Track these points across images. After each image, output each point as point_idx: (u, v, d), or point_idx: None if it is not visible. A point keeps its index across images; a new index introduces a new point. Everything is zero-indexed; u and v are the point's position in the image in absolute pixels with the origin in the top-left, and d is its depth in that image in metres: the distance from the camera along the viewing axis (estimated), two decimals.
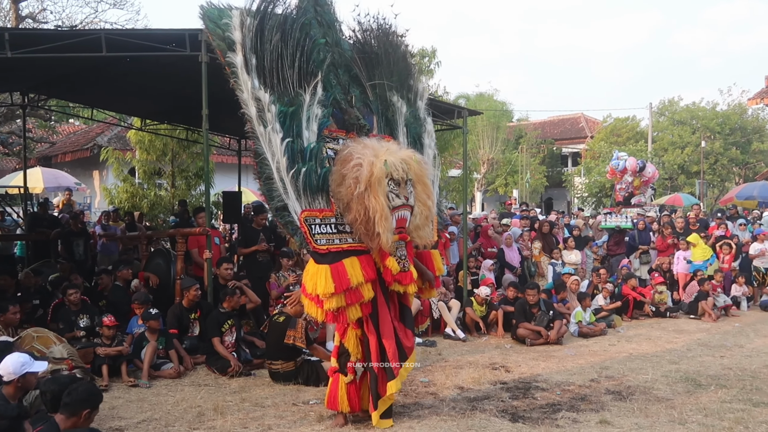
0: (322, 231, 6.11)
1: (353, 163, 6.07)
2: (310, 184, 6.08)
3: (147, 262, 10.91)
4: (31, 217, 14.22)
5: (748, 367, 9.00)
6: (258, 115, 6.03)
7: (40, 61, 9.23)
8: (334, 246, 6.11)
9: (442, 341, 10.67)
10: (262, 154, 6.04)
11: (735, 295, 14.65)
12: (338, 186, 6.14)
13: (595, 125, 44.61)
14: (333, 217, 6.21)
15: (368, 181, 5.94)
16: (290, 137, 6.07)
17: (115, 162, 18.21)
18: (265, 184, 6.07)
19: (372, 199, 5.92)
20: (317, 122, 6.29)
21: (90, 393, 4.45)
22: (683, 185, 34.49)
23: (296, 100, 6.21)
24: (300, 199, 6.06)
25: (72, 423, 4.26)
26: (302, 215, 6.03)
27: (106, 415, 6.63)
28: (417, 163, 6.37)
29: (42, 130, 27.09)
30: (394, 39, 7.37)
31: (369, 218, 5.96)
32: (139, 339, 8.41)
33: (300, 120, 6.19)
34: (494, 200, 40.88)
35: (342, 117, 6.72)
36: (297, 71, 6.28)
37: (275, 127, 6.03)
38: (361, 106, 7.02)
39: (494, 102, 38.79)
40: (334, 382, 6.40)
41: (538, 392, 7.64)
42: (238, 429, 6.27)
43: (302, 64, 6.32)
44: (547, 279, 13.52)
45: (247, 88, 6.03)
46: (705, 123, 36.24)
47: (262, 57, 6.11)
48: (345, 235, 6.23)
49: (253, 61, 6.07)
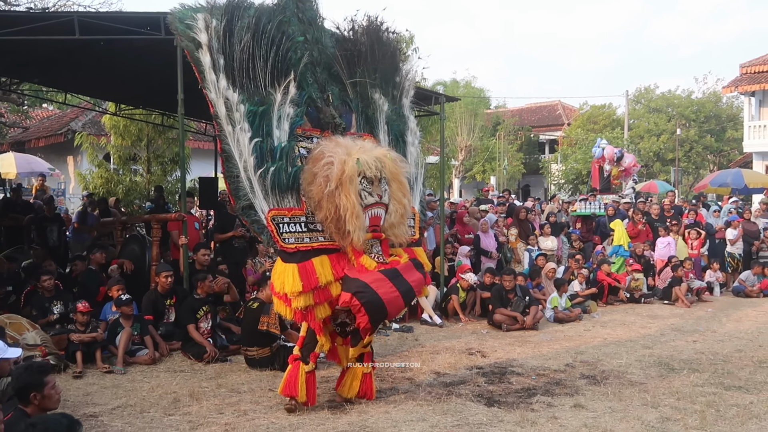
0: (291, 230, 6.09)
1: (324, 161, 6.09)
2: (279, 183, 6.08)
3: (122, 248, 10.82)
4: (4, 203, 14.01)
5: (720, 351, 9.13)
6: (226, 115, 6.03)
7: (11, 44, 9.08)
8: (304, 245, 6.10)
9: (419, 327, 10.71)
10: (230, 153, 6.04)
11: (709, 281, 14.84)
12: (309, 184, 6.15)
13: (572, 113, 44.84)
14: (303, 215, 6.20)
15: (339, 179, 5.96)
16: (259, 137, 6.08)
17: (90, 147, 17.99)
18: (231, 183, 6.07)
19: (343, 197, 5.94)
20: (289, 121, 6.31)
21: (30, 375, 4.35)
22: (658, 172, 34.85)
23: (267, 99, 6.23)
24: (268, 198, 6.06)
25: (31, 410, 4.20)
26: (269, 214, 6.02)
27: (81, 402, 6.59)
28: (391, 161, 6.38)
29: (15, 115, 26.71)
30: (383, 35, 7.37)
31: (339, 216, 5.98)
32: (113, 325, 8.35)
33: (270, 119, 6.21)
34: (472, 187, 40.98)
35: (317, 116, 6.72)
36: (270, 70, 6.29)
37: (243, 126, 6.04)
38: (340, 104, 7.01)
39: (472, 89, 38.84)
40: (293, 369, 6.34)
41: (513, 377, 7.69)
42: (213, 415, 6.25)
43: (276, 63, 6.33)
44: (524, 265, 13.59)
45: (216, 87, 6.03)
46: (680, 111, 36.60)
47: (230, 57, 6.13)
48: (316, 233, 6.22)
49: (221, 61, 6.08)
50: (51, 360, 7.16)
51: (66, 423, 3.42)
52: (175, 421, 6.08)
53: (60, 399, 4.60)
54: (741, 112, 38.34)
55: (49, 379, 4.38)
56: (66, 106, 22.28)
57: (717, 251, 15.82)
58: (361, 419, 6.12)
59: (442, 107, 12.55)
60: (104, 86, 13.94)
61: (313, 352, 6.40)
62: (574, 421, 6.09)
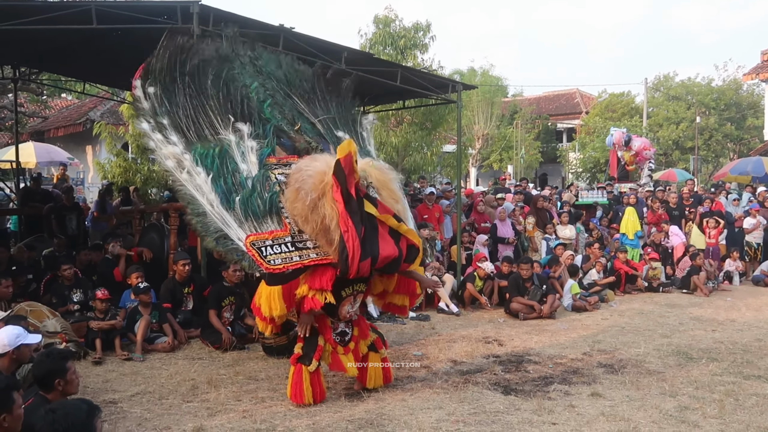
0: (276, 251, 5.96)
1: (303, 175, 6.03)
2: (254, 211, 6.12)
3: (141, 236, 10.89)
4: (24, 192, 14.14)
5: (739, 340, 9.06)
6: (177, 166, 6.33)
7: (30, 33, 9.14)
8: (293, 263, 5.94)
9: (436, 315, 10.71)
10: (190, 197, 6.24)
11: (728, 270, 14.73)
12: (293, 203, 6.08)
13: (590, 101, 44.48)
14: (288, 236, 6.09)
15: (320, 188, 5.85)
16: (223, 175, 6.29)
17: (108, 137, 18.03)
18: (198, 222, 6.22)
19: (327, 206, 5.81)
20: (255, 153, 6.50)
21: (52, 362, 4.39)
22: (678, 161, 34.50)
23: (221, 141, 6.50)
24: (243, 225, 6.07)
25: (53, 396, 4.25)
26: (248, 240, 5.97)
27: (100, 388, 6.66)
28: (378, 169, 6.38)
29: (34, 105, 26.89)
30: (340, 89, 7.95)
31: (326, 227, 5.84)
32: (132, 313, 8.42)
33: (232, 156, 6.45)
34: (489, 176, 40.80)
35: (292, 144, 6.87)
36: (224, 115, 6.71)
37: (196, 170, 6.28)
38: (315, 137, 7.22)
39: (489, 77, 38.61)
40: (296, 373, 6.19)
41: (530, 365, 7.68)
42: (231, 402, 6.29)
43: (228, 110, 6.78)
44: (541, 254, 13.55)
45: (161, 144, 6.41)
46: (700, 99, 36.16)
47: (176, 115, 6.55)
48: (307, 251, 6.05)
49: (164, 121, 6.46)
50: (71, 347, 7.23)
51: (85, 408, 3.43)
52: (194, 407, 6.13)
53: (79, 385, 4.65)
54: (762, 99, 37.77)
55: (71, 365, 4.43)
56: (84, 96, 22.40)
57: (736, 240, 15.67)
58: (378, 407, 6.14)
59: (459, 95, 12.50)
60: (122, 75, 13.95)
61: (318, 347, 6.24)
62: (592, 409, 6.08)
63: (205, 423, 5.69)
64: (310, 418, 5.84)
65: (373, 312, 10.09)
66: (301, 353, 6.26)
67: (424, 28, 20.59)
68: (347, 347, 6.46)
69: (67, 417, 3.32)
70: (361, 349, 6.56)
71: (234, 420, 5.80)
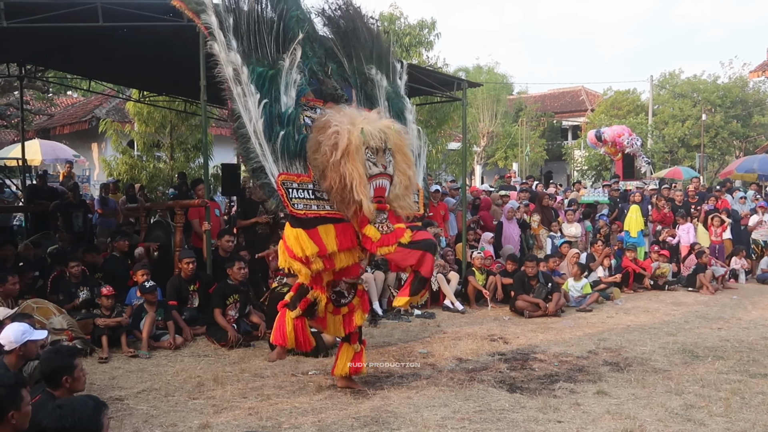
0: (300, 196, 6.04)
1: (330, 130, 6.02)
2: (287, 148, 6.03)
3: (147, 233, 10.92)
4: (30, 189, 14.19)
5: (745, 338, 9.04)
6: (234, 77, 5.96)
7: (36, 31, 9.16)
8: (312, 212, 6.06)
9: (441, 313, 10.71)
10: (239, 114, 5.97)
11: (734, 268, 14.70)
12: (314, 153, 6.09)
13: (596, 98, 44.36)
14: (311, 183, 6.15)
15: (345, 148, 5.90)
16: (268, 100, 6.03)
17: (114, 134, 18.14)
18: (241, 144, 6.00)
19: (349, 166, 5.88)
20: (296, 88, 6.26)
21: (60, 359, 4.40)
22: (683, 158, 34.39)
23: (276, 64, 6.18)
24: (278, 162, 5.99)
25: (60, 393, 4.26)
26: (279, 178, 5.96)
27: (106, 385, 6.68)
28: (396, 132, 6.31)
29: (40, 102, 26.95)
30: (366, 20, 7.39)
31: (345, 185, 5.91)
32: (138, 310, 8.44)
33: (278, 84, 6.15)
34: (494, 173, 40.71)
35: (319, 87, 6.68)
36: (275, 36, 6.25)
37: (250, 89, 5.97)
38: (340, 79, 6.97)
39: (494, 75, 38.55)
40: (281, 316, 6.44)
41: (535, 363, 7.68)
42: (237, 399, 6.31)
43: (280, 30, 6.29)
44: (546, 251, 13.54)
45: (224, 47, 5.96)
46: (706, 96, 36.02)
47: (238, 18, 6.07)
48: (323, 202, 6.17)
49: (230, 20, 6.01)
50: (77, 344, 7.26)
51: (92, 404, 3.44)
52: (200, 404, 6.15)
53: (86, 381, 4.67)
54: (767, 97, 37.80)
55: (78, 362, 4.44)
56: (90, 93, 22.43)
57: (742, 238, 15.63)
58: (383, 404, 6.14)
59: (464, 93, 12.49)
60: (128, 73, 14.02)
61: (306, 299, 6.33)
62: (597, 407, 6.07)
63: (211, 420, 5.70)
64: (315, 415, 5.85)
65: (378, 310, 10.11)
66: (289, 300, 6.43)
67: (429, 26, 20.60)
68: (338, 309, 6.52)
69: (74, 412, 3.33)
70: (355, 320, 6.60)
71: (240, 417, 5.81)
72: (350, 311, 6.61)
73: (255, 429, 5.49)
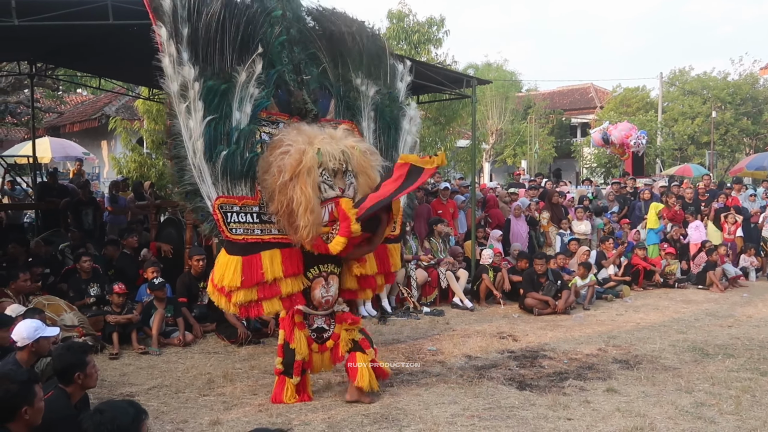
0: (240, 220, 5.84)
1: (281, 150, 5.81)
2: (232, 169, 5.80)
3: (159, 231, 10.95)
4: (40, 187, 14.24)
5: (755, 336, 9.01)
6: (179, 92, 5.64)
7: (47, 29, 9.17)
8: (253, 236, 5.86)
9: (450, 311, 10.72)
10: (177, 133, 5.67)
11: (744, 266, 14.63)
12: (264, 173, 5.89)
13: (605, 95, 44.18)
14: (256, 205, 5.96)
15: (294, 170, 5.68)
16: (217, 116, 5.74)
17: (124, 132, 18.16)
18: (175, 164, 5.72)
19: (297, 189, 5.66)
20: (252, 103, 5.98)
21: (72, 355, 4.41)
22: (693, 156, 34.23)
23: (231, 77, 5.86)
24: (217, 184, 5.76)
25: (72, 390, 4.28)
26: (217, 202, 5.75)
27: (117, 382, 6.72)
28: (360, 152, 6.08)
29: (50, 100, 27.03)
30: (359, 23, 7.15)
31: (292, 210, 5.71)
32: (148, 307, 8.47)
33: (230, 100, 5.85)
34: (503, 171, 40.66)
35: (288, 99, 6.40)
36: (239, 45, 5.93)
37: (196, 106, 5.64)
38: (317, 88, 6.69)
39: (503, 72, 38.45)
40: (279, 383, 6.17)
41: (545, 361, 7.67)
42: (247, 396, 6.34)
43: (246, 37, 5.97)
44: (555, 249, 13.51)
45: (174, 61, 5.64)
46: (716, 93, 35.83)
47: (196, 27, 5.74)
48: (269, 225, 5.98)
49: (185, 31, 5.69)
50: (88, 341, 7.28)
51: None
52: (210, 401, 6.18)
53: (98, 378, 4.69)
54: None
55: (90, 359, 4.46)
56: (100, 92, 22.49)
57: (753, 236, 15.55)
58: (393, 401, 6.16)
59: (473, 90, 12.46)
60: (137, 71, 14.00)
61: (296, 362, 6.05)
62: (607, 405, 6.07)
63: (221, 416, 5.73)
64: (325, 413, 5.87)
65: (387, 307, 10.12)
66: (282, 368, 6.14)
67: (437, 23, 20.52)
68: (323, 345, 6.26)
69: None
70: (341, 348, 6.26)
71: (250, 414, 5.84)
72: (336, 343, 6.30)
73: (265, 426, 5.50)
